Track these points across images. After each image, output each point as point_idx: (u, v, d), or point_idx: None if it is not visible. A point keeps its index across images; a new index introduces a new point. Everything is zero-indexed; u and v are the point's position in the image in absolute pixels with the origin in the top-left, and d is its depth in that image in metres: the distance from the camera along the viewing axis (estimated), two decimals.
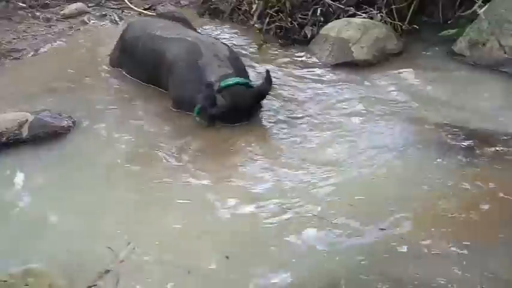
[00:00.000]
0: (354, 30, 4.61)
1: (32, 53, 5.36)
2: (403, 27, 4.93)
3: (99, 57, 5.23)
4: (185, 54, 4.14)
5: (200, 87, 3.85)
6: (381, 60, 4.54)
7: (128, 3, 6.44)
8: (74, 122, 3.91)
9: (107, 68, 5.01)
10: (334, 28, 4.76)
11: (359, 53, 4.51)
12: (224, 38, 5.17)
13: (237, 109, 3.82)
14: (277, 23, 5.26)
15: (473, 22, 4.50)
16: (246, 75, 4.15)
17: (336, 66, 4.55)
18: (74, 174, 3.46)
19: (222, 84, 3.82)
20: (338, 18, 5.00)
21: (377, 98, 4.08)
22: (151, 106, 4.27)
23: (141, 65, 4.56)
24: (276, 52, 5.02)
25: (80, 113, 4.14)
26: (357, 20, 4.72)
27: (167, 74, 4.24)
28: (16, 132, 3.64)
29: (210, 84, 3.80)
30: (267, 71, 3.93)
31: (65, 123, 3.82)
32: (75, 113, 4.11)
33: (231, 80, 3.87)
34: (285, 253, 2.77)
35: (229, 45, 4.55)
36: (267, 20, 5.33)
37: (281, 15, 5.27)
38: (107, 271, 2.46)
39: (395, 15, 4.99)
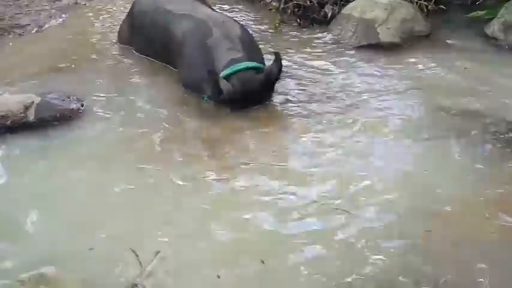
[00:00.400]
0: (379, 10, 4.33)
1: (35, 29, 5.09)
2: (429, 7, 4.65)
3: (106, 33, 4.97)
4: (194, 33, 3.90)
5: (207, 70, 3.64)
6: (407, 43, 4.26)
7: None
8: (82, 105, 3.66)
9: (115, 45, 4.77)
10: (357, 7, 4.48)
11: (385, 34, 4.24)
12: (236, 17, 4.87)
13: (246, 95, 3.59)
14: (294, 1, 4.97)
15: (509, 3, 4.22)
16: (259, 57, 3.90)
17: (360, 48, 4.29)
18: (84, 164, 3.21)
19: (229, 70, 3.59)
20: None
21: (405, 83, 3.83)
22: (162, 87, 4.03)
23: (150, 41, 4.32)
24: (294, 33, 4.75)
25: (89, 94, 3.90)
26: (383, 0, 4.43)
27: (176, 52, 4.01)
28: (22, 115, 3.38)
29: (213, 72, 3.57)
30: (277, 54, 3.66)
31: (73, 106, 3.58)
32: (83, 94, 3.87)
33: (240, 65, 3.62)
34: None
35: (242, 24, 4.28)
36: None
37: None
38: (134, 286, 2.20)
39: None
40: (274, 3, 5.04)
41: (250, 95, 3.59)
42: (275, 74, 3.64)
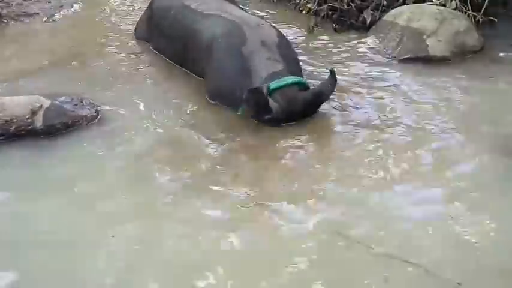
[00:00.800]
0: (429, 20, 3.89)
1: (44, 19, 4.65)
2: (478, 18, 4.22)
3: (123, 27, 4.53)
4: (225, 37, 3.44)
5: (243, 83, 3.21)
6: (458, 58, 3.84)
7: None
8: (97, 111, 3.23)
9: (131, 40, 4.33)
10: (402, 15, 4.04)
11: (435, 47, 3.80)
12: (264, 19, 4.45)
13: (291, 114, 3.18)
14: (329, 4, 4.54)
15: None
16: (298, 68, 3.49)
17: (406, 60, 3.85)
18: (98, 183, 2.79)
19: (273, 85, 3.15)
20: (404, 3, 4.28)
21: (459, 101, 3.41)
22: (183, 93, 3.61)
23: (170, 41, 3.88)
24: (329, 39, 4.30)
25: (102, 97, 3.49)
26: (431, 8, 4.00)
27: (201, 58, 3.55)
28: (28, 121, 2.96)
29: (259, 89, 3.10)
30: (332, 72, 3.21)
31: (86, 111, 3.16)
32: (96, 97, 3.45)
33: (285, 80, 3.19)
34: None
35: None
36: None
37: None
38: None
39: (469, 4, 4.29)
40: (308, 5, 4.61)
41: (295, 114, 3.18)
42: (326, 96, 3.22)
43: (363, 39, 4.22)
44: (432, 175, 2.83)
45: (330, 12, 4.54)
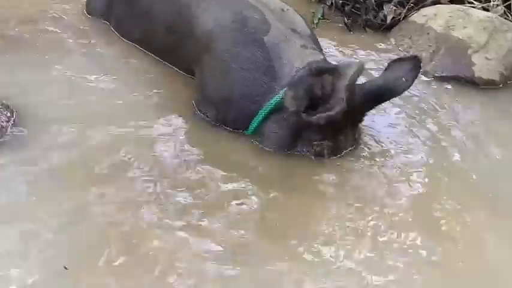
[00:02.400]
0: (475, 29, 2.98)
1: None
2: None
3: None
4: (239, 23, 2.45)
5: (264, 83, 2.34)
6: (507, 82, 2.96)
7: None
8: (13, 114, 2.30)
9: (82, 16, 3.26)
10: (439, 17, 3.12)
11: (483, 66, 2.89)
12: None
13: (346, 119, 2.28)
14: None
15: None
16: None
17: (441, 79, 2.95)
18: None
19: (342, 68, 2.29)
20: (438, 1, 3.36)
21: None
22: (152, 94, 2.65)
23: (147, 22, 2.84)
24: (337, 38, 3.33)
25: (28, 96, 2.48)
26: (478, 13, 3.09)
27: (199, 51, 2.54)
28: None
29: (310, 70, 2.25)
30: (416, 57, 2.41)
31: None
32: (18, 96, 2.45)
33: (353, 66, 2.31)
34: None
35: None
36: None
37: None
38: None
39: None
40: None
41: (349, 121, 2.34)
42: (401, 89, 2.38)
43: (381, 43, 3.31)
44: None
45: (341, 2, 3.60)
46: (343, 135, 2.34)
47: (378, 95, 2.36)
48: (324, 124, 2.22)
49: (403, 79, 2.34)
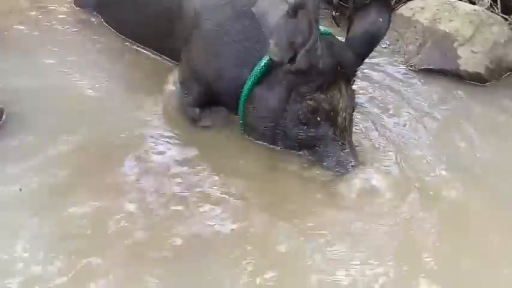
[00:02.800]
0: (462, 22, 2.99)
1: None
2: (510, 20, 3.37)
3: None
4: None
5: (261, 48, 2.28)
6: (495, 76, 2.98)
7: None
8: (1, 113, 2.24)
9: (69, 7, 3.25)
10: (426, 10, 3.12)
11: (468, 60, 2.91)
12: None
13: (337, 73, 2.23)
14: None
15: None
16: None
17: (427, 72, 2.97)
18: None
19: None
20: None
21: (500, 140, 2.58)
22: (142, 90, 2.64)
23: (135, 11, 2.83)
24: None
25: (17, 93, 2.46)
26: (465, 6, 3.09)
27: (189, 29, 2.53)
28: None
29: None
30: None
31: None
32: (6, 92, 2.42)
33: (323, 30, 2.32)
34: None
35: None
36: None
37: None
38: None
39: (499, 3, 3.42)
40: None
41: (341, 77, 2.26)
42: (383, 31, 2.36)
43: None
44: None
45: None
46: (336, 89, 2.24)
47: (363, 43, 2.32)
48: (308, 71, 2.16)
49: (380, 20, 2.31)
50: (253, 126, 2.32)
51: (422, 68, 2.96)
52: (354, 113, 2.39)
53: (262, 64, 2.26)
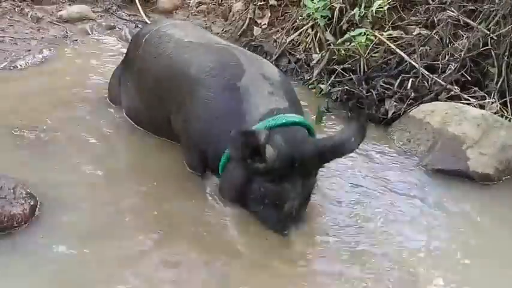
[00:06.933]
0: (470, 125, 3.15)
1: (3, 64, 3.86)
2: None
3: (98, 85, 3.73)
4: (217, 69, 2.73)
5: (232, 124, 2.53)
6: (503, 176, 3.09)
7: (143, 15, 5.01)
8: (35, 205, 2.39)
9: (107, 104, 3.52)
10: (436, 114, 3.31)
11: (477, 161, 3.04)
12: None
13: (292, 168, 2.41)
14: (346, 87, 3.84)
15: None
16: (302, 113, 2.79)
17: (438, 172, 3.10)
18: None
19: (273, 121, 2.49)
20: (436, 98, 3.58)
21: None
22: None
23: (142, 93, 3.15)
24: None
25: (49, 189, 2.61)
26: (472, 110, 3.27)
27: (182, 103, 2.81)
28: None
29: (252, 131, 2.41)
30: (359, 114, 2.78)
31: (19, 209, 2.28)
32: (42, 182, 2.62)
33: (286, 118, 2.52)
34: None
35: None
36: (331, 78, 3.93)
37: (353, 76, 3.87)
38: None
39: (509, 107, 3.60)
40: (322, 85, 3.89)
41: (298, 168, 2.42)
42: (354, 145, 2.48)
43: (384, 137, 3.47)
44: None
45: (346, 97, 3.84)
46: (290, 183, 2.42)
47: (330, 152, 2.47)
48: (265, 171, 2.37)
49: (353, 139, 2.47)
50: (226, 192, 2.63)
51: (433, 168, 3.11)
52: None
53: None
